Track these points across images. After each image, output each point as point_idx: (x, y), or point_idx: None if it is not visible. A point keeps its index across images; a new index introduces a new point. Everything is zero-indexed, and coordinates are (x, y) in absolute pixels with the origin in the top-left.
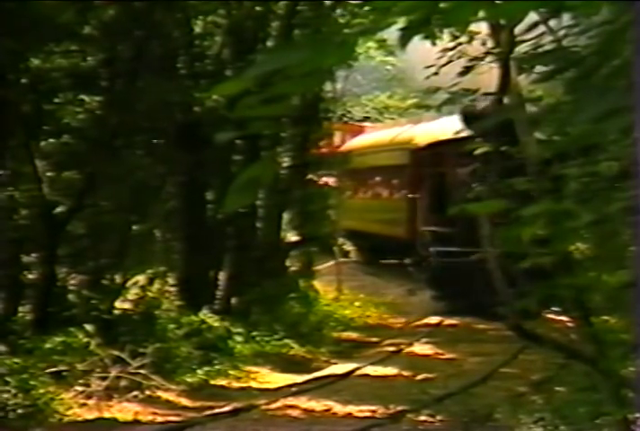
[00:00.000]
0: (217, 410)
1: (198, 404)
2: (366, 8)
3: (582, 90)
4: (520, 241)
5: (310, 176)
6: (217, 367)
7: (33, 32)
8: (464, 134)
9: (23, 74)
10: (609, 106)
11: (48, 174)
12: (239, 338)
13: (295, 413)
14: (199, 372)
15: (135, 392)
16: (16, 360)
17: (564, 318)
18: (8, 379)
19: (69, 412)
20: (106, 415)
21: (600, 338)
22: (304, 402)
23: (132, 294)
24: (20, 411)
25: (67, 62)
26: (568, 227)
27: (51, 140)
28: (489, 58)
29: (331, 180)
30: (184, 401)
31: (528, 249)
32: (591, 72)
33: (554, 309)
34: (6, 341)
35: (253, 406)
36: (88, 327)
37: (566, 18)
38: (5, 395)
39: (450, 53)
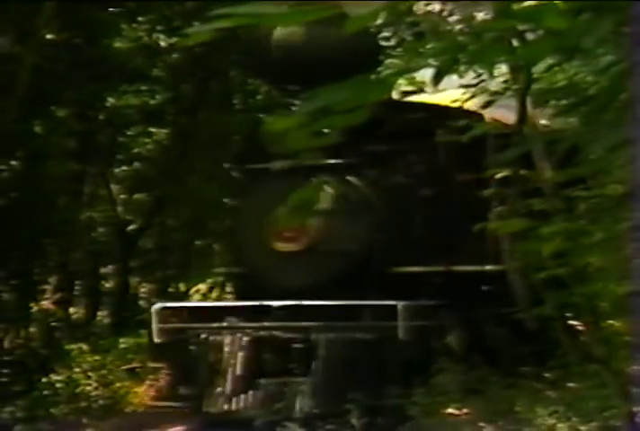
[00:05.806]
0: None
1: None
2: (399, 49)
3: (595, 123)
4: (539, 255)
5: None
6: None
7: (110, 75)
8: None
9: (101, 110)
10: (620, 137)
11: (122, 197)
12: None
13: None
14: None
15: None
16: (96, 358)
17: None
18: (90, 374)
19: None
20: None
21: (609, 341)
22: None
23: (195, 300)
24: (101, 402)
25: (138, 100)
26: (583, 244)
27: (124, 167)
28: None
29: None
30: None
31: (545, 262)
32: (604, 107)
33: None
34: (88, 342)
35: None
36: None
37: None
38: (89, 388)
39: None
